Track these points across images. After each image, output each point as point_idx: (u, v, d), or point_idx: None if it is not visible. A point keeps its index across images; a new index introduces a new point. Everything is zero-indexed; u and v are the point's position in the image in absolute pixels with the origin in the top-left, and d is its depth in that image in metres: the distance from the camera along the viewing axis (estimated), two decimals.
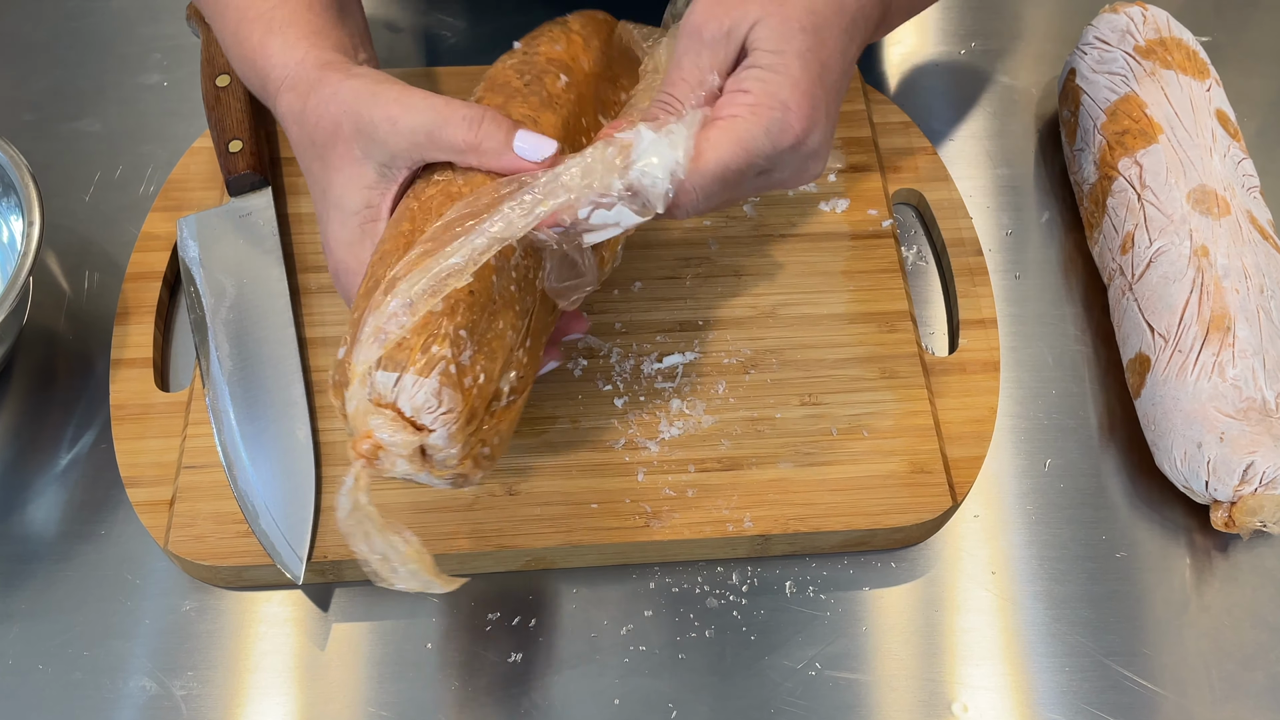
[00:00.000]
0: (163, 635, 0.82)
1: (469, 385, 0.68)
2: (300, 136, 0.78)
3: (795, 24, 0.73)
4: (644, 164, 0.69)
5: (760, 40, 0.72)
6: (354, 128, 0.75)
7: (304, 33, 0.80)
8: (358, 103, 0.75)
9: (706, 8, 0.74)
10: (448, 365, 0.67)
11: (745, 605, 0.83)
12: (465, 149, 0.73)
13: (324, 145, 0.76)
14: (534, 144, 0.74)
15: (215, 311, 0.91)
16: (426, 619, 0.83)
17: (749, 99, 0.71)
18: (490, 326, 0.70)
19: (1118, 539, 0.87)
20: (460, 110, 0.73)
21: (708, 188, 0.71)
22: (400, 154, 0.75)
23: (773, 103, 0.71)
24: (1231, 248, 0.88)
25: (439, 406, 0.67)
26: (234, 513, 0.83)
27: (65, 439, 0.90)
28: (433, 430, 0.67)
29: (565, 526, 0.83)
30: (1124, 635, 0.83)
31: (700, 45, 0.74)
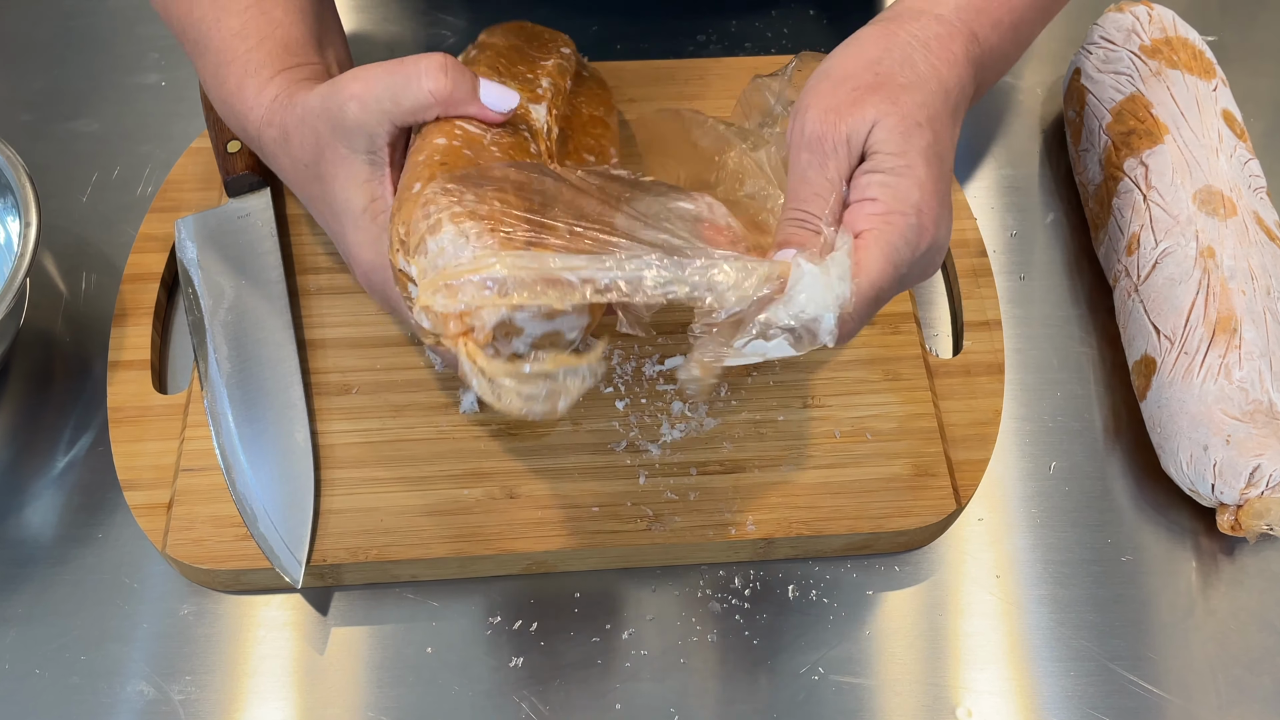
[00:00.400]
0: (160, 639, 0.82)
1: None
2: (291, 166, 0.78)
3: (913, 121, 0.71)
4: (807, 300, 0.67)
5: (881, 142, 0.70)
6: (330, 127, 0.74)
7: (277, 68, 0.80)
8: (325, 102, 0.74)
9: (821, 116, 0.71)
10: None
11: (748, 609, 0.84)
12: (435, 101, 0.73)
13: (313, 162, 0.76)
14: (498, 94, 0.74)
15: (213, 313, 0.91)
16: (426, 623, 0.83)
17: (879, 208, 0.69)
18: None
19: (1123, 542, 0.87)
20: (419, 63, 0.73)
21: (866, 312, 0.69)
22: (377, 131, 0.74)
23: (904, 208, 0.69)
24: (1238, 249, 0.88)
25: (476, 234, 0.66)
26: (232, 516, 0.83)
27: (62, 441, 0.90)
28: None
29: (566, 530, 0.83)
30: (1129, 639, 0.83)
31: (824, 156, 0.71)
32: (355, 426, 0.88)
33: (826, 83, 0.73)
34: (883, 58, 0.73)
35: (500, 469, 0.86)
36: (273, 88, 0.79)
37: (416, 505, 0.84)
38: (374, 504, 0.84)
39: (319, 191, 0.77)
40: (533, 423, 0.88)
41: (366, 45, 1.15)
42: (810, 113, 0.71)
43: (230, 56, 0.80)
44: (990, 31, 0.78)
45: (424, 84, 0.72)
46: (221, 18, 0.81)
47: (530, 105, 0.81)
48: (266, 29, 0.81)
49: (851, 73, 0.73)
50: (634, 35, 1.15)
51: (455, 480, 0.85)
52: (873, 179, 0.70)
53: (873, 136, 0.70)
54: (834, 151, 0.71)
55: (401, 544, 0.83)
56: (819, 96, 0.72)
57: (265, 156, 0.82)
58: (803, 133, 0.72)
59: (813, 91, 0.73)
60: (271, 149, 0.80)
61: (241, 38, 0.81)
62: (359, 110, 0.73)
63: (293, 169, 0.79)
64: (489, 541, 0.83)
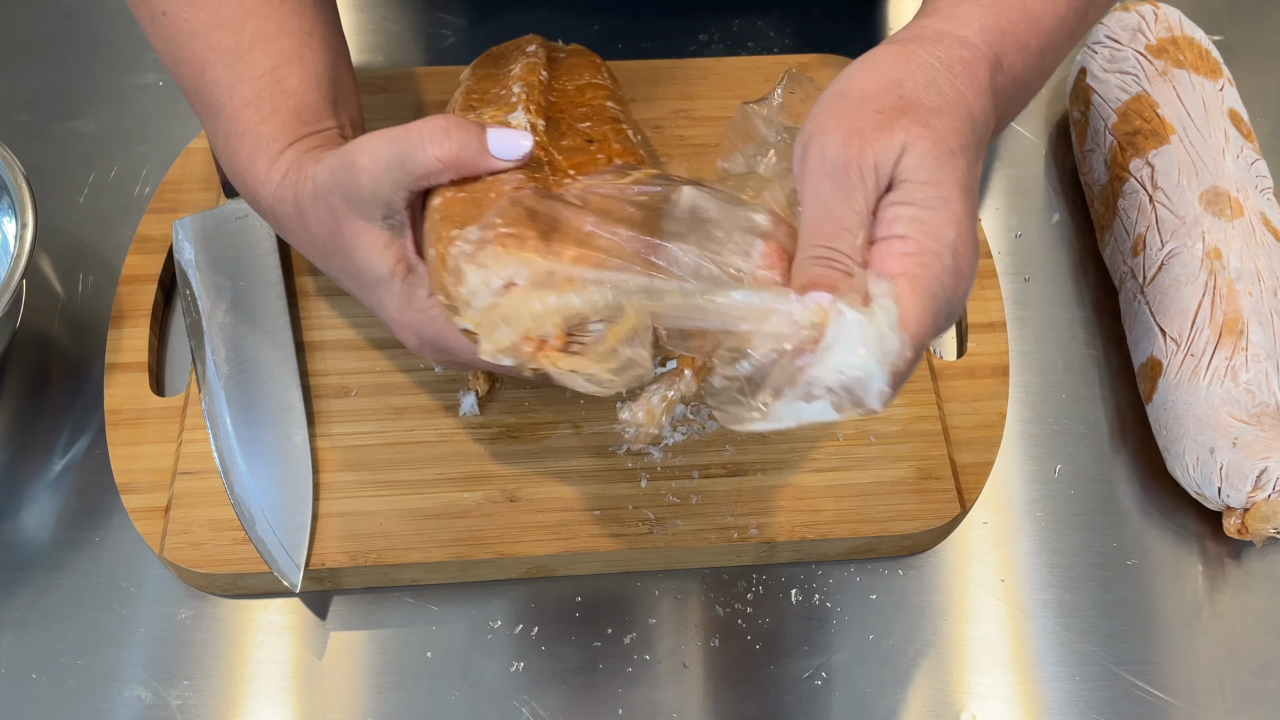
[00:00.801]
0: (158, 644, 0.82)
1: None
2: (310, 241, 0.77)
3: (947, 148, 0.65)
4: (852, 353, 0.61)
5: (912, 170, 0.64)
6: (344, 200, 0.73)
7: (289, 140, 0.78)
8: (335, 176, 0.73)
9: (845, 139, 0.65)
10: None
11: (750, 613, 0.84)
12: (444, 167, 0.71)
13: (333, 237, 0.75)
14: (508, 142, 0.72)
15: (211, 315, 0.91)
16: (426, 627, 0.83)
17: (912, 247, 0.63)
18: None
19: (1129, 546, 0.87)
20: (422, 130, 0.71)
21: (911, 367, 0.64)
22: (393, 199, 0.72)
23: (939, 247, 0.63)
24: (1244, 250, 0.88)
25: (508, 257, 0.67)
26: (230, 519, 0.84)
27: (59, 444, 0.90)
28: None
29: (567, 533, 0.84)
30: (1135, 644, 0.83)
31: (850, 185, 0.64)
32: (354, 429, 0.88)
33: (845, 103, 0.67)
34: (905, 79, 0.67)
35: (501, 472, 0.86)
36: (283, 162, 0.77)
37: (416, 509, 0.84)
38: (373, 507, 0.84)
39: (342, 264, 0.76)
40: (533, 426, 0.88)
41: (366, 44, 1.15)
42: (831, 136, 0.65)
43: (242, 128, 0.79)
44: (1015, 57, 0.72)
45: (430, 151, 0.71)
46: (235, 85, 0.79)
47: (508, 116, 0.80)
48: (280, 99, 0.79)
49: (872, 93, 0.67)
50: (635, 34, 1.15)
51: (455, 483, 0.85)
52: (903, 212, 0.64)
53: (902, 163, 0.64)
54: (860, 180, 0.64)
55: (401, 548, 0.83)
56: (839, 118, 0.66)
57: (279, 230, 0.81)
58: (823, 158, 0.65)
59: (830, 113, 0.67)
60: (287, 225, 0.78)
61: (254, 108, 0.79)
62: (371, 182, 0.72)
63: (311, 244, 0.77)
64: (489, 545, 0.83)
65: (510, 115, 0.80)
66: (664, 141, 1.03)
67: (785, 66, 1.07)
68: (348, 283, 0.78)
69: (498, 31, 1.13)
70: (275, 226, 0.81)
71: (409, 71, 1.08)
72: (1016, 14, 0.72)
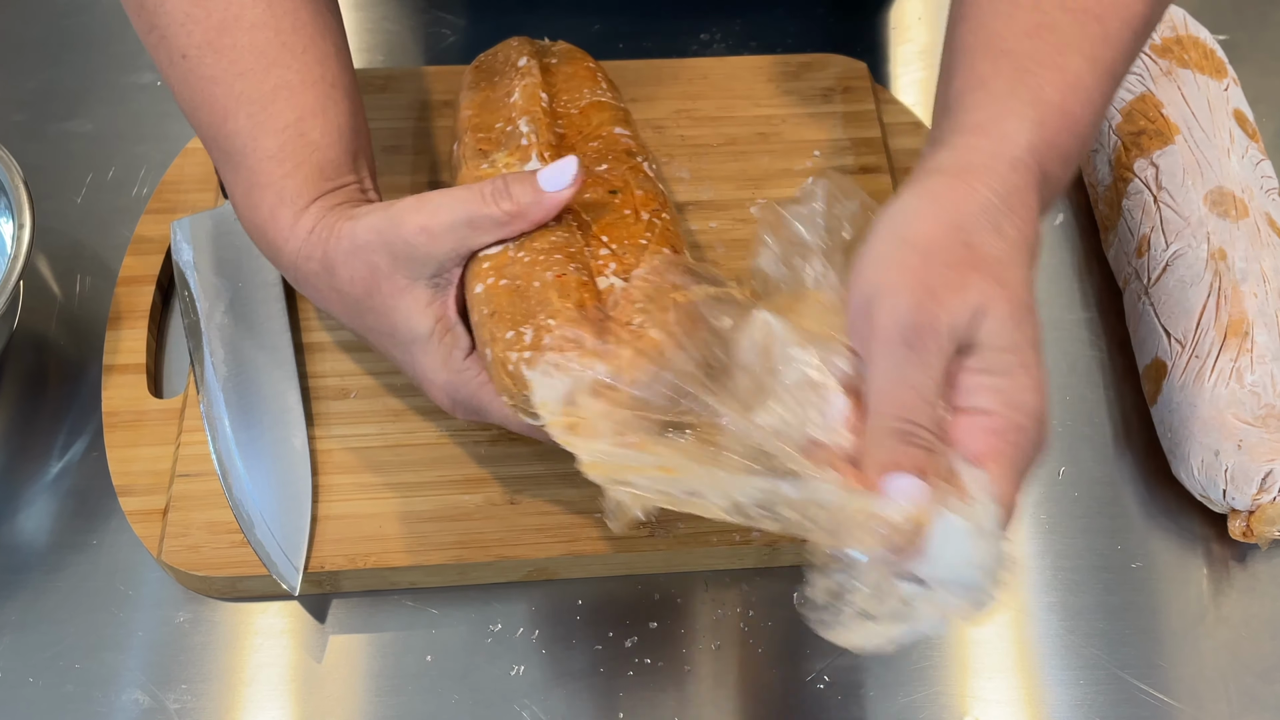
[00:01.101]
0: (156, 647, 0.82)
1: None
2: (339, 299, 0.77)
3: (1023, 306, 0.63)
4: (961, 566, 0.58)
5: (991, 335, 0.61)
6: (389, 260, 0.74)
7: (313, 195, 0.78)
8: (381, 236, 0.74)
9: (919, 302, 0.61)
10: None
11: (753, 616, 0.84)
12: (508, 219, 0.73)
13: (367, 295, 0.76)
14: (556, 175, 0.74)
15: (210, 316, 0.91)
16: (426, 631, 0.83)
17: (998, 423, 0.61)
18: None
19: (1133, 549, 0.87)
20: (485, 189, 0.74)
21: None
22: (446, 258, 0.74)
23: (1024, 420, 0.61)
24: (1250, 251, 0.88)
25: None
26: (229, 522, 0.84)
27: (56, 446, 0.90)
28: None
29: (568, 536, 0.84)
30: (1140, 648, 0.83)
31: (924, 353, 0.60)
32: (354, 431, 0.88)
33: (912, 255, 0.62)
34: (967, 223, 0.64)
35: (501, 474, 0.86)
36: (308, 219, 0.77)
37: (416, 511, 0.84)
38: (373, 510, 0.84)
39: (375, 321, 0.77)
40: None
41: (366, 44, 1.15)
42: (904, 296, 0.61)
43: (265, 180, 0.78)
44: (1059, 167, 0.70)
45: (499, 207, 0.73)
46: (259, 137, 0.79)
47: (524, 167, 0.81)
48: (304, 153, 0.79)
49: (938, 242, 0.63)
50: (636, 34, 1.15)
51: (455, 486, 0.85)
52: (984, 382, 0.61)
53: (979, 326, 0.61)
54: (937, 348, 0.61)
55: (401, 550, 0.83)
56: (908, 274, 0.62)
57: (300, 285, 0.80)
58: (896, 320, 0.61)
59: (897, 265, 0.63)
60: (312, 281, 0.78)
61: (278, 161, 0.78)
62: (428, 242, 0.73)
63: (339, 300, 0.78)
64: (490, 548, 0.83)
65: (526, 166, 0.81)
66: (665, 142, 1.03)
67: (788, 66, 1.08)
68: (375, 339, 0.79)
69: (497, 31, 1.13)
70: (295, 280, 0.81)
71: (408, 71, 1.08)
72: (1059, 123, 0.70)
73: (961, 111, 0.70)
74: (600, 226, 0.77)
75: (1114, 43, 0.72)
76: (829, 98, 1.06)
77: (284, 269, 0.80)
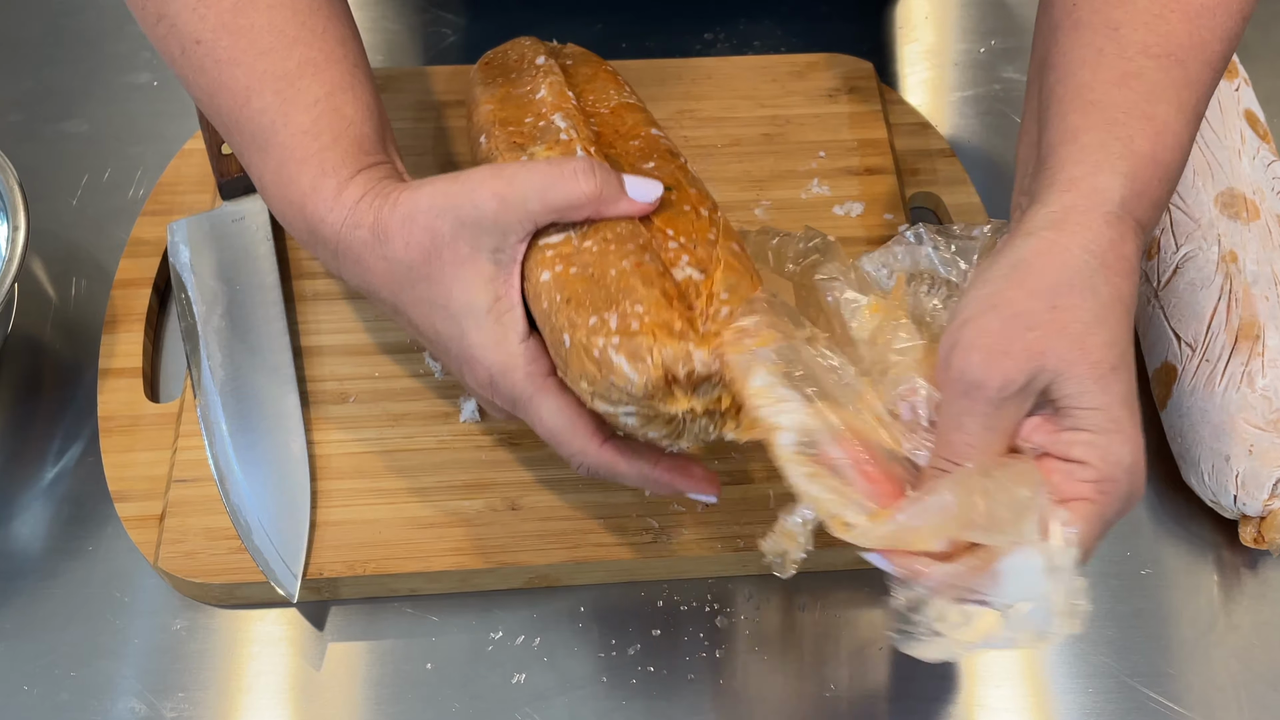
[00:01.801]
0: (152, 655, 0.82)
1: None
2: (388, 268, 0.74)
3: (1106, 367, 0.66)
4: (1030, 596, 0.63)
5: (1074, 396, 0.65)
6: (454, 226, 0.72)
7: (356, 168, 0.76)
8: (449, 200, 0.72)
9: (987, 361, 0.65)
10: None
11: (757, 624, 0.84)
12: (587, 201, 0.72)
13: (424, 262, 0.73)
14: (645, 187, 0.74)
15: (207, 319, 0.91)
16: (426, 638, 0.83)
17: (1091, 474, 0.65)
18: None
19: (1143, 555, 0.87)
20: (570, 164, 0.72)
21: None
22: (512, 228, 0.72)
23: (1118, 474, 0.65)
24: (1261, 253, 0.88)
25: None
26: (226, 528, 0.84)
27: (51, 451, 0.91)
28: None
29: (570, 542, 0.84)
30: (1149, 655, 0.83)
31: (987, 406, 0.65)
32: (353, 436, 0.88)
33: (994, 320, 0.66)
34: (1059, 287, 0.67)
35: (502, 480, 0.86)
36: (356, 188, 0.75)
37: (416, 517, 0.85)
38: (372, 516, 0.85)
39: (425, 291, 0.74)
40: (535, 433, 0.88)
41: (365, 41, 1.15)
42: (976, 354, 0.66)
43: (301, 155, 0.76)
44: (1151, 213, 0.72)
45: (581, 184, 0.71)
46: (289, 113, 0.77)
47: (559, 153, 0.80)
48: (340, 127, 0.77)
49: (1024, 309, 0.66)
50: (639, 34, 1.15)
51: (456, 491, 0.86)
52: (1077, 438, 0.65)
53: (1061, 389, 0.65)
54: (1001, 401, 0.65)
55: (400, 557, 0.83)
56: (986, 335, 0.66)
57: (339, 259, 0.77)
58: (963, 374, 0.66)
59: (979, 327, 0.67)
60: (358, 251, 0.75)
61: (313, 135, 0.76)
62: (499, 208, 0.71)
63: (388, 270, 0.75)
64: (490, 554, 0.83)
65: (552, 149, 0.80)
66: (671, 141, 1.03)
67: (793, 66, 1.08)
68: (421, 312, 0.75)
69: (497, 30, 1.13)
70: (334, 254, 0.77)
71: (408, 71, 1.08)
72: (1151, 172, 0.72)
73: (1056, 167, 0.72)
74: (663, 220, 0.75)
75: (1196, 85, 0.74)
76: (834, 98, 1.07)
77: (322, 242, 0.77)
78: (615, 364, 0.68)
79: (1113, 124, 0.71)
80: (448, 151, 1.02)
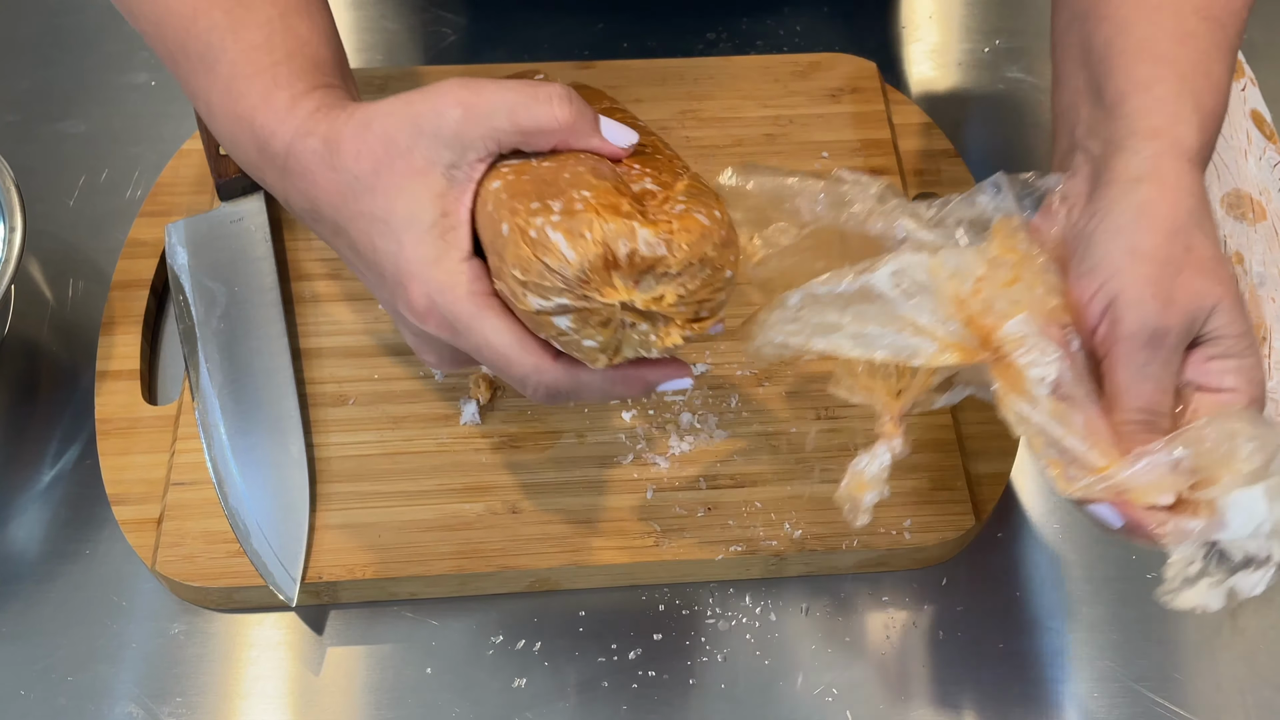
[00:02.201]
0: (150, 659, 0.83)
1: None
2: (335, 180, 0.71)
3: (1240, 296, 0.71)
4: (1261, 527, 0.67)
5: (1223, 327, 0.70)
6: (412, 134, 0.69)
7: (312, 84, 0.74)
8: (409, 108, 0.69)
9: (1162, 309, 0.69)
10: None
11: (759, 628, 0.84)
12: (558, 127, 0.69)
13: (373, 173, 0.70)
14: (618, 131, 0.71)
15: (205, 321, 0.91)
16: (426, 643, 0.83)
17: (1244, 398, 0.70)
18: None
19: (1148, 558, 0.87)
20: (546, 88, 0.69)
21: None
22: (473, 144, 0.68)
23: (1261, 393, 0.71)
24: (1267, 254, 0.88)
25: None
26: (224, 531, 0.84)
27: (48, 454, 0.91)
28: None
29: (571, 546, 0.84)
30: (1155, 660, 0.83)
31: (1171, 353, 0.70)
32: (352, 439, 0.88)
33: (1147, 266, 0.70)
34: (1185, 229, 0.71)
35: (502, 483, 0.86)
36: (310, 101, 0.73)
37: (416, 520, 0.85)
38: (371, 519, 0.85)
39: (369, 205, 0.70)
40: (536, 435, 0.88)
41: (364, 43, 1.16)
42: (1149, 305, 0.69)
43: (252, 70, 0.74)
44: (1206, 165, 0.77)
45: (554, 109, 0.68)
46: (239, 30, 0.75)
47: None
48: (294, 45, 0.75)
49: (1166, 251, 0.70)
50: (641, 33, 1.15)
51: (456, 494, 0.86)
52: (1226, 365, 0.70)
53: (1212, 322, 0.70)
54: (1175, 347, 0.70)
55: (400, 560, 0.83)
56: (1147, 284, 0.70)
57: (289, 175, 0.73)
58: (1144, 327, 0.69)
59: (1133, 275, 0.70)
60: (306, 162, 0.72)
61: (266, 51, 0.74)
62: (461, 120, 0.68)
63: (335, 184, 0.71)
64: (491, 558, 0.83)
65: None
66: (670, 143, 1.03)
67: (796, 66, 1.08)
68: (363, 225, 0.71)
69: (499, 31, 1.14)
70: (283, 171, 0.74)
71: (407, 71, 1.08)
72: (1213, 127, 0.76)
73: (1133, 115, 0.74)
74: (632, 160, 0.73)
75: (1233, 49, 0.78)
76: (838, 98, 1.07)
77: (270, 159, 0.74)
78: (552, 242, 0.64)
79: (1182, 79, 0.75)
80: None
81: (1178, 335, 0.69)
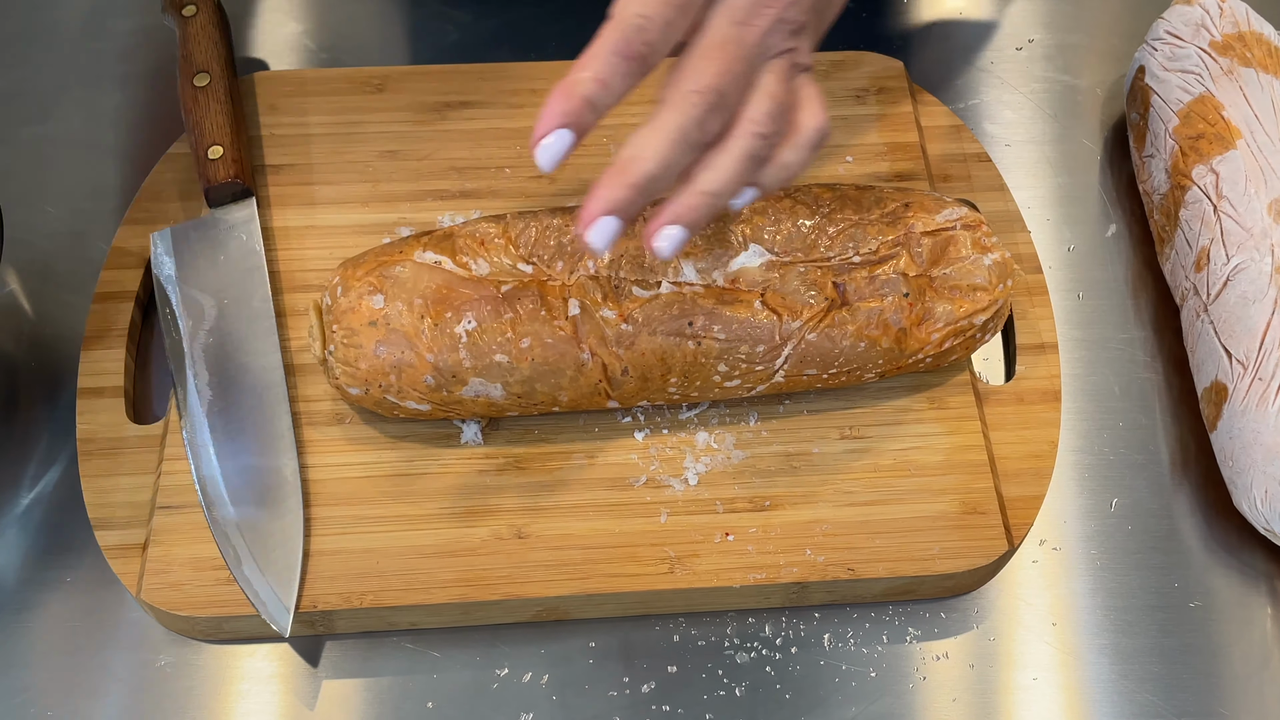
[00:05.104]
0: (135, 693, 0.83)
1: None
2: None
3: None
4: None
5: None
6: None
7: None
8: None
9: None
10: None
11: (780, 660, 0.84)
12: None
13: None
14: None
15: (193, 335, 0.92)
16: (427, 675, 0.83)
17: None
18: None
19: (1191, 587, 0.87)
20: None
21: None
22: None
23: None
24: None
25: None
26: (214, 558, 0.84)
27: (26, 476, 0.91)
28: None
29: (580, 573, 0.84)
30: (1199, 693, 0.84)
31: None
32: (348, 460, 0.88)
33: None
34: None
35: (507, 506, 0.87)
36: None
37: (416, 546, 0.85)
38: (369, 545, 0.85)
39: None
40: (543, 456, 0.88)
41: (365, 41, 1.16)
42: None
43: None
44: None
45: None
46: None
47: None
48: None
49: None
50: None
51: (458, 519, 0.86)
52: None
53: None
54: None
55: (399, 588, 0.83)
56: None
57: None
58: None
59: None
60: None
61: None
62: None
63: None
64: (495, 586, 0.84)
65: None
66: None
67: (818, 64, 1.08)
68: None
69: (502, 27, 1.14)
70: None
71: (408, 70, 1.09)
72: None
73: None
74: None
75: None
76: (862, 99, 1.07)
77: None
78: None
79: None
80: (449, 153, 1.02)
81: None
